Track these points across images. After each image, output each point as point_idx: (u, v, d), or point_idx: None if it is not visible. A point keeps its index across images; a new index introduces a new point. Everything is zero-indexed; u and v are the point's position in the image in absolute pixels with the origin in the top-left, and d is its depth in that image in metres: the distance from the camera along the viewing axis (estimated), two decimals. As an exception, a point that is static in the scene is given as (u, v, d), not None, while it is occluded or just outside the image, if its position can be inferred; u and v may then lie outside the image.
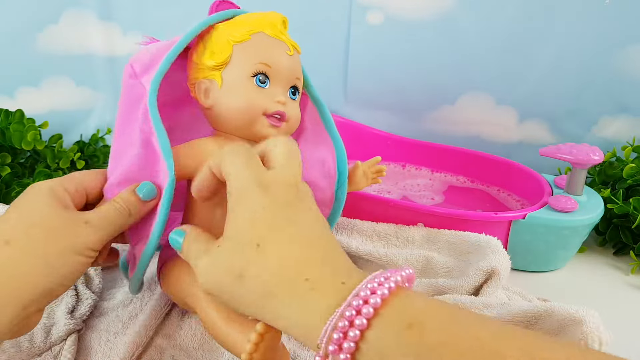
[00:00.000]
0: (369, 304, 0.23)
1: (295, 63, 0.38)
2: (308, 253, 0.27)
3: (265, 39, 0.37)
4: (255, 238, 0.27)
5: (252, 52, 0.36)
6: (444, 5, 0.68)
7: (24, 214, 0.33)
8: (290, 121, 0.38)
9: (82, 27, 0.73)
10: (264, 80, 0.36)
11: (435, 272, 0.47)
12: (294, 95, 0.38)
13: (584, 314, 0.34)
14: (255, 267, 0.27)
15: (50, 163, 0.67)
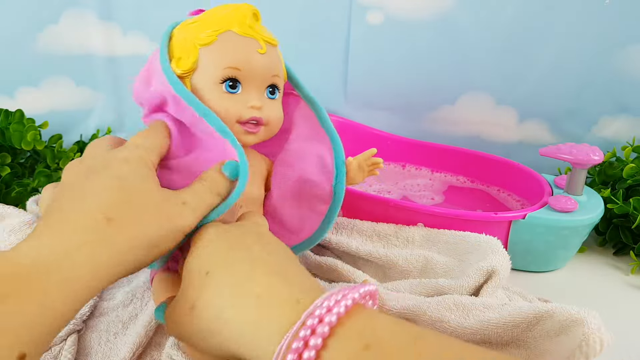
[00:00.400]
0: (324, 322, 0.22)
1: (270, 60, 0.35)
2: (258, 271, 0.27)
3: (233, 38, 0.34)
4: (204, 268, 0.28)
5: (219, 55, 0.33)
6: (443, 5, 0.68)
7: (124, 190, 0.29)
8: (270, 124, 0.36)
9: (82, 27, 0.73)
10: (234, 86, 0.34)
11: (435, 272, 0.47)
12: (272, 95, 0.36)
13: (585, 315, 0.34)
14: (207, 294, 0.27)
15: (50, 163, 0.67)
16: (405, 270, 0.48)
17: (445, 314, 0.39)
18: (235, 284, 0.26)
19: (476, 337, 0.38)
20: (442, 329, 0.39)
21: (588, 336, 0.33)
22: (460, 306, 0.39)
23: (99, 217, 0.27)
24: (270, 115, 0.35)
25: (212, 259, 0.28)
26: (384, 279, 0.49)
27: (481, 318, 0.38)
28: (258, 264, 0.27)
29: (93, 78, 0.76)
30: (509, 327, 0.37)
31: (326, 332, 0.22)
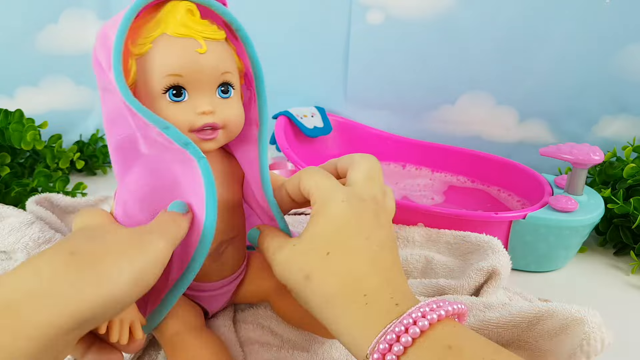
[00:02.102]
0: (417, 325, 0.25)
1: (214, 58, 0.31)
2: (371, 269, 0.29)
3: (168, 42, 0.30)
4: (327, 246, 0.29)
5: (155, 64, 0.30)
6: (444, 5, 0.68)
7: (87, 230, 0.29)
8: (228, 126, 0.33)
9: (81, 26, 0.73)
10: (178, 93, 0.31)
11: (435, 273, 0.47)
12: (225, 94, 0.32)
13: (585, 314, 0.34)
14: (322, 273, 0.29)
15: (50, 163, 0.66)
16: (406, 271, 0.48)
17: (445, 314, 0.39)
18: (347, 278, 0.28)
19: (477, 337, 0.38)
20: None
21: (589, 335, 0.33)
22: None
23: (62, 253, 0.26)
24: (227, 116, 0.32)
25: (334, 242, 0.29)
26: (384, 279, 0.49)
27: (481, 318, 0.38)
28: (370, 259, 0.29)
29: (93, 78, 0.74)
30: (509, 326, 0.37)
31: (417, 332, 0.25)
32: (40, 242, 0.47)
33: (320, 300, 0.29)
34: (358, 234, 0.29)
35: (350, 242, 0.29)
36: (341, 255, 0.29)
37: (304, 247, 0.30)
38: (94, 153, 0.75)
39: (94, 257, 0.26)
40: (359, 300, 0.27)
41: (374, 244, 0.29)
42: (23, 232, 0.47)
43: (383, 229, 0.30)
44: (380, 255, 0.29)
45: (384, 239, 0.30)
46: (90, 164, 0.76)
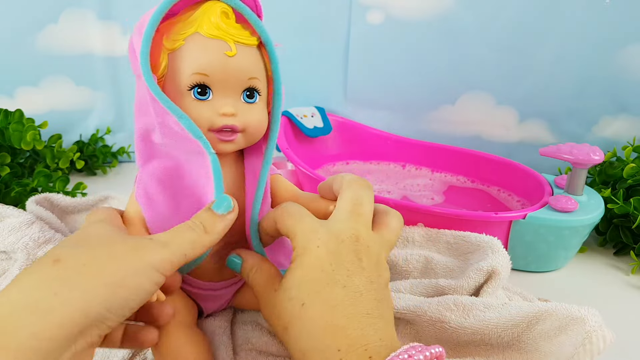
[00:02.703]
0: None
1: (242, 62, 0.32)
2: (347, 322, 0.28)
3: (200, 42, 0.31)
4: (303, 297, 0.29)
5: (185, 61, 0.31)
6: (444, 5, 0.68)
7: (76, 236, 0.29)
8: (247, 130, 0.33)
9: (81, 26, 0.73)
10: (203, 92, 0.31)
11: (435, 273, 0.47)
12: (250, 99, 0.33)
13: (585, 313, 0.34)
14: (297, 327, 0.29)
15: (50, 163, 0.66)
16: (406, 271, 0.48)
17: (445, 314, 0.39)
18: (321, 332, 0.28)
19: (476, 337, 0.38)
20: (442, 329, 0.39)
21: (590, 334, 0.33)
22: (461, 306, 0.39)
23: (46, 262, 0.25)
24: (249, 120, 0.33)
25: (309, 292, 0.29)
26: (384, 279, 0.49)
27: (481, 318, 0.38)
28: (347, 310, 0.28)
29: (93, 78, 0.76)
30: (508, 326, 0.37)
31: None
32: (40, 242, 0.47)
33: (297, 353, 0.29)
34: (334, 283, 0.29)
35: (326, 292, 0.28)
36: (316, 307, 0.28)
37: (282, 296, 0.30)
38: (94, 153, 0.75)
39: (77, 265, 0.25)
40: (333, 356, 0.27)
41: (352, 290, 0.28)
42: (23, 232, 0.47)
43: (363, 272, 0.29)
44: (359, 302, 0.28)
45: (364, 283, 0.29)
46: (90, 164, 0.76)
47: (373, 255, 0.31)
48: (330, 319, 0.28)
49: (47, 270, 0.25)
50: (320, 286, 0.29)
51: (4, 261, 0.47)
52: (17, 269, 0.42)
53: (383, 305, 0.30)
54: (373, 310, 0.28)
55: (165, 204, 0.34)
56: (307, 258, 0.30)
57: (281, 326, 0.30)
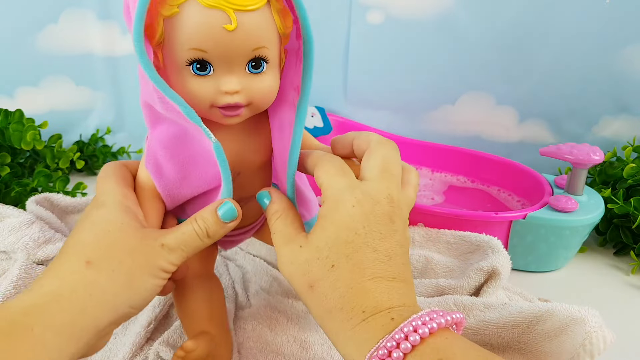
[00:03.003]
0: (408, 340, 0.25)
1: (244, 34, 0.28)
2: (373, 285, 0.28)
3: (196, 12, 0.27)
4: (333, 258, 0.29)
5: (181, 33, 0.28)
6: (444, 5, 0.68)
7: (100, 232, 0.30)
8: (253, 104, 0.31)
9: (81, 26, 0.73)
10: (203, 68, 0.29)
11: (435, 273, 0.47)
12: (256, 69, 0.30)
13: (585, 314, 0.34)
14: (324, 286, 0.29)
15: (50, 163, 0.66)
16: (406, 270, 0.48)
17: (445, 314, 0.39)
18: (349, 293, 0.28)
19: (477, 337, 0.38)
20: (443, 329, 0.39)
21: (591, 334, 0.33)
22: (461, 306, 0.39)
23: (79, 262, 0.29)
24: (253, 93, 0.30)
25: (339, 254, 0.29)
26: (384, 279, 0.49)
27: (481, 318, 0.38)
28: (376, 271, 0.28)
29: (93, 78, 0.76)
30: (509, 326, 0.37)
31: (409, 348, 0.25)
32: (40, 242, 0.47)
33: (321, 311, 0.29)
34: (366, 246, 0.29)
35: (357, 255, 0.28)
36: (346, 269, 0.28)
37: (309, 255, 0.29)
38: (94, 153, 0.75)
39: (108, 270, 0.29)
40: (358, 317, 0.27)
41: (382, 254, 0.29)
42: (23, 232, 0.47)
43: (395, 234, 0.29)
44: (387, 266, 0.29)
45: (394, 247, 0.29)
46: (90, 164, 0.76)
47: (404, 217, 0.31)
48: (359, 281, 0.28)
49: (82, 271, 0.29)
50: (352, 249, 0.28)
51: (4, 261, 0.47)
52: (17, 269, 0.42)
53: (408, 269, 0.30)
54: (399, 274, 0.29)
55: (173, 172, 0.33)
56: (339, 216, 0.29)
57: (306, 284, 0.29)
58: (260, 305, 0.43)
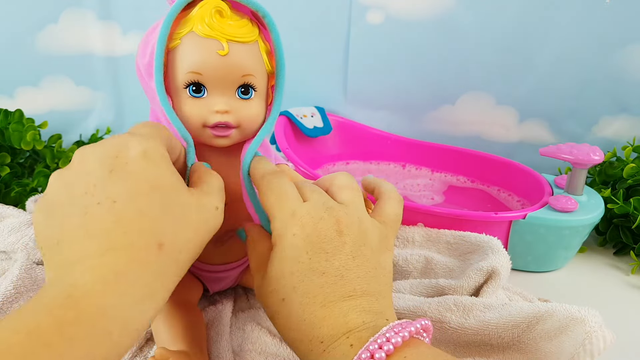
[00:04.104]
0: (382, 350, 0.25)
1: (236, 60, 0.32)
2: (327, 312, 0.27)
3: (194, 41, 0.32)
4: (282, 291, 0.29)
5: (180, 60, 0.32)
6: (444, 5, 0.68)
7: (160, 195, 0.25)
8: (242, 125, 0.34)
9: (81, 26, 0.72)
10: (198, 90, 0.33)
11: (435, 273, 0.47)
12: (245, 95, 0.34)
13: (585, 314, 0.34)
14: (282, 318, 0.29)
15: (50, 163, 0.66)
16: (406, 271, 0.48)
17: (445, 315, 0.39)
18: (304, 326, 0.28)
19: (476, 337, 0.38)
20: (443, 329, 0.39)
21: (591, 334, 0.33)
22: (461, 306, 0.39)
23: (150, 244, 0.24)
24: (242, 117, 0.34)
25: (288, 287, 0.29)
26: (384, 279, 0.49)
27: (481, 318, 0.38)
28: (328, 299, 0.28)
29: (93, 78, 0.76)
30: (509, 327, 0.37)
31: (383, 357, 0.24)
32: (40, 242, 0.47)
33: (288, 341, 0.29)
34: (312, 273, 0.28)
35: (304, 285, 0.28)
36: (295, 302, 0.28)
37: (267, 288, 0.30)
38: (94, 153, 0.75)
39: (175, 252, 0.25)
40: (318, 348, 0.27)
41: (332, 275, 0.28)
42: (23, 232, 0.47)
43: (344, 247, 0.29)
44: (339, 286, 0.28)
45: (345, 261, 0.28)
46: (90, 164, 0.76)
47: (354, 221, 0.30)
48: (310, 311, 0.27)
49: (154, 255, 0.24)
50: (297, 280, 0.28)
51: (4, 261, 0.47)
52: (18, 269, 0.42)
53: (369, 278, 0.29)
54: (356, 289, 0.28)
55: None
56: (282, 249, 0.29)
57: (269, 315, 0.30)
58: (259, 307, 0.43)
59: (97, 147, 0.26)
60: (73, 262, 0.23)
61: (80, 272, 0.22)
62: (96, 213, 0.24)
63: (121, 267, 0.23)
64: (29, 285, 0.42)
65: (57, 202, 0.25)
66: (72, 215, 0.24)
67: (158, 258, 0.24)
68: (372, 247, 0.30)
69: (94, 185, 0.24)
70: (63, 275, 0.23)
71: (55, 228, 0.24)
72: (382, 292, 0.29)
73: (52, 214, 0.25)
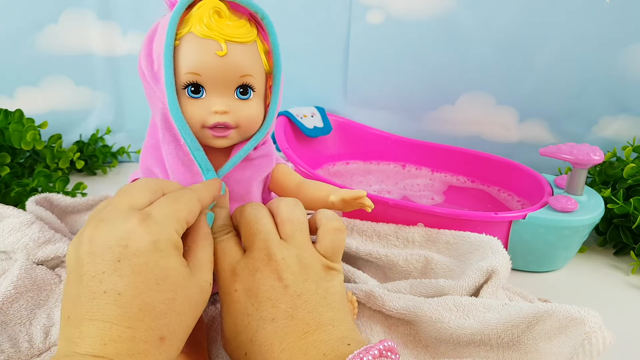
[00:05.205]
0: None
1: (234, 61, 0.33)
2: (288, 355, 0.28)
3: (193, 41, 0.32)
4: (242, 347, 0.29)
5: (180, 61, 0.32)
6: (444, 5, 0.68)
7: (164, 291, 0.26)
8: (241, 126, 0.34)
9: (81, 26, 0.72)
10: (197, 90, 0.33)
11: (435, 273, 0.47)
12: (244, 95, 0.34)
13: (585, 314, 0.34)
14: None
15: (50, 163, 0.67)
16: (405, 271, 0.48)
17: (445, 315, 0.39)
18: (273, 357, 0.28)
19: (476, 337, 0.38)
20: (442, 329, 0.39)
21: (590, 335, 0.33)
22: (461, 307, 0.39)
23: (153, 338, 0.24)
24: (242, 116, 0.34)
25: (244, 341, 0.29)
26: (383, 279, 0.49)
27: (481, 319, 0.38)
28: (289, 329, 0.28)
29: (93, 78, 0.76)
30: (508, 327, 0.37)
31: None
32: (40, 242, 0.47)
33: None
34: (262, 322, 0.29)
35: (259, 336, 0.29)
36: (257, 353, 0.29)
37: (228, 347, 0.31)
38: (94, 153, 0.75)
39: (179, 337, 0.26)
40: None
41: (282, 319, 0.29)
42: (23, 232, 0.47)
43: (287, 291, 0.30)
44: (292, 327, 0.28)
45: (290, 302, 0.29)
46: (90, 164, 0.76)
47: (292, 261, 0.31)
48: (272, 359, 0.28)
49: (156, 348, 0.25)
50: (251, 332, 0.29)
51: (4, 261, 0.47)
52: (18, 269, 0.42)
53: (320, 306, 0.29)
54: (310, 323, 0.28)
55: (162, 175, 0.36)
56: (228, 306, 0.30)
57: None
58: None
59: (108, 227, 0.26)
60: (77, 342, 0.24)
61: (80, 356, 0.23)
62: (102, 302, 0.24)
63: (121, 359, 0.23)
64: (28, 285, 0.42)
65: (71, 277, 0.26)
66: (81, 295, 0.25)
67: (159, 349, 0.25)
68: (316, 279, 0.31)
69: (102, 272, 0.25)
70: (67, 351, 0.24)
71: (68, 301, 0.25)
72: (338, 318, 0.29)
73: (68, 286, 0.26)
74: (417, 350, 0.40)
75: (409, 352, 0.40)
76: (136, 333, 0.24)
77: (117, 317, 0.24)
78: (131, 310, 0.24)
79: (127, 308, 0.24)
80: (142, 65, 0.34)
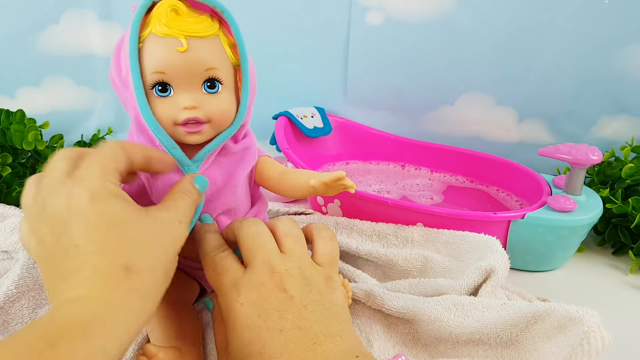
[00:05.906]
0: None
1: (196, 55, 0.33)
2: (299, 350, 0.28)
3: (154, 41, 0.33)
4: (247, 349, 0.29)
5: (144, 62, 0.33)
6: (444, 6, 0.68)
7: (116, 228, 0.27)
8: (213, 120, 0.34)
9: (82, 27, 0.73)
10: (164, 89, 0.33)
11: (434, 272, 0.47)
12: (211, 89, 0.34)
13: (583, 314, 0.34)
14: None
15: (51, 163, 0.67)
16: (405, 270, 0.48)
17: (444, 314, 0.39)
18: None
19: (475, 337, 0.38)
20: (441, 328, 0.39)
21: (589, 334, 0.33)
22: (460, 306, 0.40)
23: (117, 269, 0.26)
24: (211, 111, 0.34)
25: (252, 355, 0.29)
26: (383, 279, 0.49)
27: (480, 318, 0.38)
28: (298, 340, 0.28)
29: (94, 78, 0.77)
30: (507, 326, 0.37)
31: None
32: (42, 242, 0.47)
33: None
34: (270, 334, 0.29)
35: (269, 348, 0.28)
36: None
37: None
38: (94, 153, 0.76)
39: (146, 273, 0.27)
40: None
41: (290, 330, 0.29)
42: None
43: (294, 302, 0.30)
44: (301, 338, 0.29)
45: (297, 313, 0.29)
46: (91, 164, 0.76)
47: (295, 273, 0.31)
48: None
49: (123, 283, 0.25)
50: (260, 345, 0.29)
51: (5, 261, 0.47)
52: (19, 269, 0.42)
53: (326, 316, 0.30)
54: (318, 333, 0.29)
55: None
56: (235, 320, 0.30)
57: None
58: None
59: (52, 201, 0.27)
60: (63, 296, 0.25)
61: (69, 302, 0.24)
62: (67, 257, 0.26)
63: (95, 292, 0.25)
64: (30, 284, 0.42)
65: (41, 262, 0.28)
66: (55, 258, 0.26)
67: (128, 281, 0.25)
68: (319, 290, 0.31)
69: (61, 233, 0.26)
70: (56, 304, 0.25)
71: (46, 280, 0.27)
72: (344, 330, 0.30)
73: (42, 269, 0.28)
74: (416, 349, 0.41)
75: (408, 351, 0.40)
76: (100, 270, 0.25)
77: (81, 264, 0.25)
78: (89, 254, 0.26)
79: (86, 253, 0.26)
80: (112, 74, 0.36)
